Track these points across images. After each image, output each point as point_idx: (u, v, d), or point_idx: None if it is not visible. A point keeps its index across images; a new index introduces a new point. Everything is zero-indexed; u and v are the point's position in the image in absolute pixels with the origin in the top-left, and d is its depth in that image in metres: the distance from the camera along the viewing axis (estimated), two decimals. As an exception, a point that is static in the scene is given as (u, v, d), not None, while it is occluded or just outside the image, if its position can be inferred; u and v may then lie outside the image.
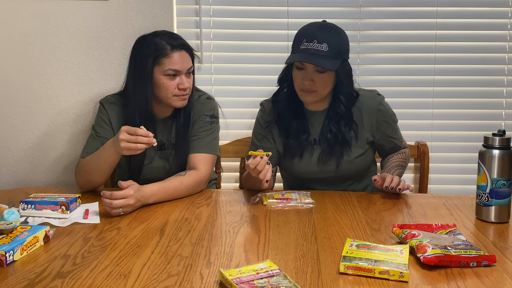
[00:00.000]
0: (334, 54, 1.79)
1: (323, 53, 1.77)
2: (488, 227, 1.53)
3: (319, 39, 1.78)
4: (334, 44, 1.79)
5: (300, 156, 1.94)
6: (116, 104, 1.97)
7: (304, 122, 1.94)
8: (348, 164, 1.93)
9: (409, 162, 2.07)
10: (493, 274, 1.21)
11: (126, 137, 1.68)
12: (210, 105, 2.01)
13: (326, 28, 1.84)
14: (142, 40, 1.91)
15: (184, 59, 1.88)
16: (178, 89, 1.87)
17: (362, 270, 1.19)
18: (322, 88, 1.84)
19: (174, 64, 1.85)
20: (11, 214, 1.49)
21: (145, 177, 1.96)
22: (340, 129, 1.90)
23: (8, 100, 2.30)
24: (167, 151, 1.98)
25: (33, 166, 2.35)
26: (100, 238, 1.45)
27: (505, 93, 2.42)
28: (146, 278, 1.20)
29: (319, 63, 1.77)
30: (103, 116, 1.97)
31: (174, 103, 1.89)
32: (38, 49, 2.27)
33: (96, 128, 1.96)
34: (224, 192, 1.95)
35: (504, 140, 1.51)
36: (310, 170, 1.94)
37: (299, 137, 1.93)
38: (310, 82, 1.82)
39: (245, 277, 1.13)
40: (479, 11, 2.37)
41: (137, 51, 1.89)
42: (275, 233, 1.48)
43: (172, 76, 1.86)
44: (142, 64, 1.86)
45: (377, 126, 1.95)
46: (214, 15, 2.37)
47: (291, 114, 1.94)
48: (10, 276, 1.22)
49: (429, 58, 2.40)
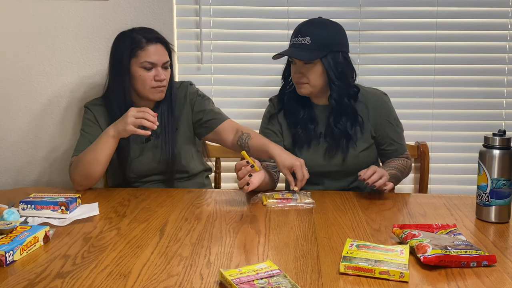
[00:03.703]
0: (318, 46, 1.85)
1: (305, 46, 1.85)
2: (488, 227, 1.53)
3: (302, 33, 1.87)
4: (318, 36, 1.86)
5: (309, 145, 1.98)
6: (101, 105, 2.03)
7: (312, 113, 1.99)
8: (354, 159, 1.95)
9: (406, 175, 2.02)
10: (493, 274, 1.21)
11: (134, 112, 1.78)
12: (194, 88, 2.10)
13: (313, 22, 1.92)
14: (120, 35, 1.99)
15: (160, 52, 1.93)
16: (155, 80, 1.92)
17: (362, 270, 1.19)
18: (312, 79, 1.90)
19: (149, 57, 1.91)
20: (11, 214, 1.49)
21: (136, 170, 2.01)
22: (344, 124, 1.93)
23: (8, 100, 2.30)
24: (154, 141, 2.01)
25: (33, 166, 2.35)
26: (100, 238, 1.45)
27: (505, 93, 2.42)
28: (146, 278, 1.20)
29: (294, 54, 1.87)
30: (89, 116, 2.02)
31: (151, 96, 1.95)
32: (38, 49, 2.27)
33: (85, 128, 2.01)
34: (224, 192, 1.95)
35: (504, 140, 1.51)
36: (316, 164, 1.95)
37: (307, 127, 1.98)
38: (299, 74, 1.90)
39: (245, 277, 1.13)
40: (479, 11, 2.37)
41: (115, 46, 1.97)
42: (275, 233, 1.48)
43: (149, 69, 1.91)
44: (119, 58, 1.93)
45: (380, 123, 1.97)
46: (214, 15, 2.37)
47: (299, 105, 1.99)
48: (10, 276, 1.22)
49: (429, 58, 2.40)
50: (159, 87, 1.93)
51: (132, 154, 1.99)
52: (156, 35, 1.96)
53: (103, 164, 1.87)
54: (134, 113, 1.78)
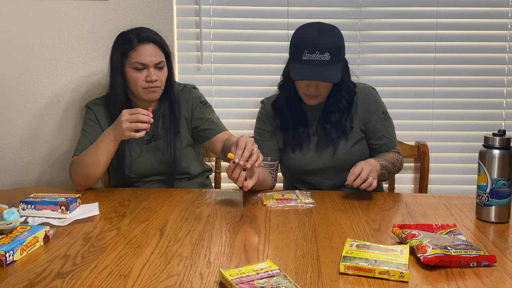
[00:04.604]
0: (336, 59, 1.83)
1: (326, 62, 1.81)
2: (488, 227, 1.53)
3: (321, 49, 1.80)
4: (335, 50, 1.83)
5: (300, 148, 1.98)
6: (102, 105, 2.02)
7: (304, 117, 1.98)
8: (345, 155, 1.94)
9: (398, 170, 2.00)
10: (493, 274, 1.21)
11: (127, 116, 1.76)
12: (198, 92, 2.09)
13: (325, 33, 1.85)
14: (118, 36, 1.98)
15: (151, 52, 1.91)
16: (146, 81, 1.90)
17: (362, 270, 1.19)
18: (326, 90, 1.90)
19: (139, 57, 1.89)
20: (11, 214, 1.49)
21: (137, 171, 2.00)
22: (337, 118, 1.93)
23: (8, 100, 2.30)
24: (155, 143, 2.00)
25: (33, 166, 2.35)
26: (100, 238, 1.45)
27: (505, 93, 2.42)
28: (146, 278, 1.20)
29: (326, 78, 1.82)
30: (90, 116, 2.02)
31: (144, 96, 1.94)
32: (38, 49, 2.27)
33: (86, 128, 2.01)
34: (224, 192, 1.95)
35: (504, 140, 1.51)
36: (308, 160, 1.96)
37: (298, 131, 1.97)
38: (315, 89, 1.87)
39: (245, 277, 1.13)
40: (479, 11, 2.37)
41: (112, 46, 1.97)
42: (275, 233, 1.48)
43: (140, 69, 1.90)
44: (113, 59, 1.93)
45: (368, 117, 1.97)
46: (214, 15, 2.37)
47: (291, 110, 1.98)
48: (10, 276, 1.22)
49: (429, 58, 2.40)
50: (151, 87, 1.91)
51: (133, 155, 1.99)
52: (148, 34, 1.93)
53: (103, 166, 1.87)
54: (127, 117, 1.76)
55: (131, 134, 1.77)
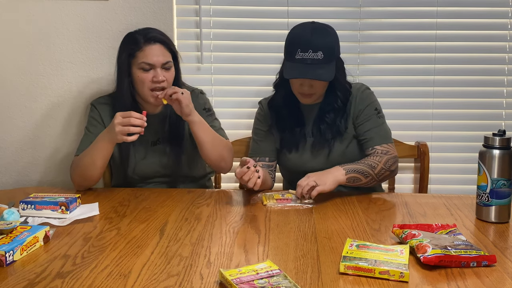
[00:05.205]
0: (329, 58, 1.82)
1: (318, 61, 1.80)
2: (488, 227, 1.53)
3: (313, 47, 1.80)
4: (328, 48, 1.82)
5: (297, 149, 1.97)
6: (107, 104, 2.01)
7: (300, 117, 1.98)
8: (340, 156, 1.93)
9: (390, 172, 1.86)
10: (493, 274, 1.21)
11: (120, 120, 1.74)
12: (204, 98, 2.07)
13: (318, 32, 1.85)
14: (125, 36, 1.97)
15: (158, 52, 1.89)
16: (153, 82, 1.88)
17: (362, 270, 1.19)
18: (320, 89, 1.89)
19: (146, 57, 1.87)
20: (11, 214, 1.49)
21: (141, 172, 1.99)
22: (332, 119, 1.93)
23: (8, 100, 2.30)
24: (161, 145, 1.99)
25: (33, 166, 2.35)
26: (100, 238, 1.45)
27: (505, 93, 2.42)
28: (146, 278, 1.20)
29: (318, 76, 1.81)
30: (94, 115, 2.00)
31: (149, 99, 1.91)
32: (38, 49, 2.27)
33: (89, 127, 1.99)
34: (224, 192, 1.95)
35: (504, 140, 1.51)
36: (303, 161, 1.96)
37: (295, 131, 1.97)
38: (309, 87, 1.87)
39: (245, 277, 1.13)
40: (479, 11, 2.37)
41: (119, 47, 1.96)
42: (275, 233, 1.48)
43: (147, 70, 1.88)
44: (120, 60, 1.92)
45: (359, 111, 1.94)
46: (214, 15, 2.37)
47: (288, 110, 1.98)
48: (10, 276, 1.22)
49: (429, 58, 2.40)
50: (158, 88, 1.89)
51: (138, 156, 1.98)
52: (155, 35, 1.92)
53: (100, 168, 1.86)
54: (120, 120, 1.74)
55: (123, 138, 1.75)
